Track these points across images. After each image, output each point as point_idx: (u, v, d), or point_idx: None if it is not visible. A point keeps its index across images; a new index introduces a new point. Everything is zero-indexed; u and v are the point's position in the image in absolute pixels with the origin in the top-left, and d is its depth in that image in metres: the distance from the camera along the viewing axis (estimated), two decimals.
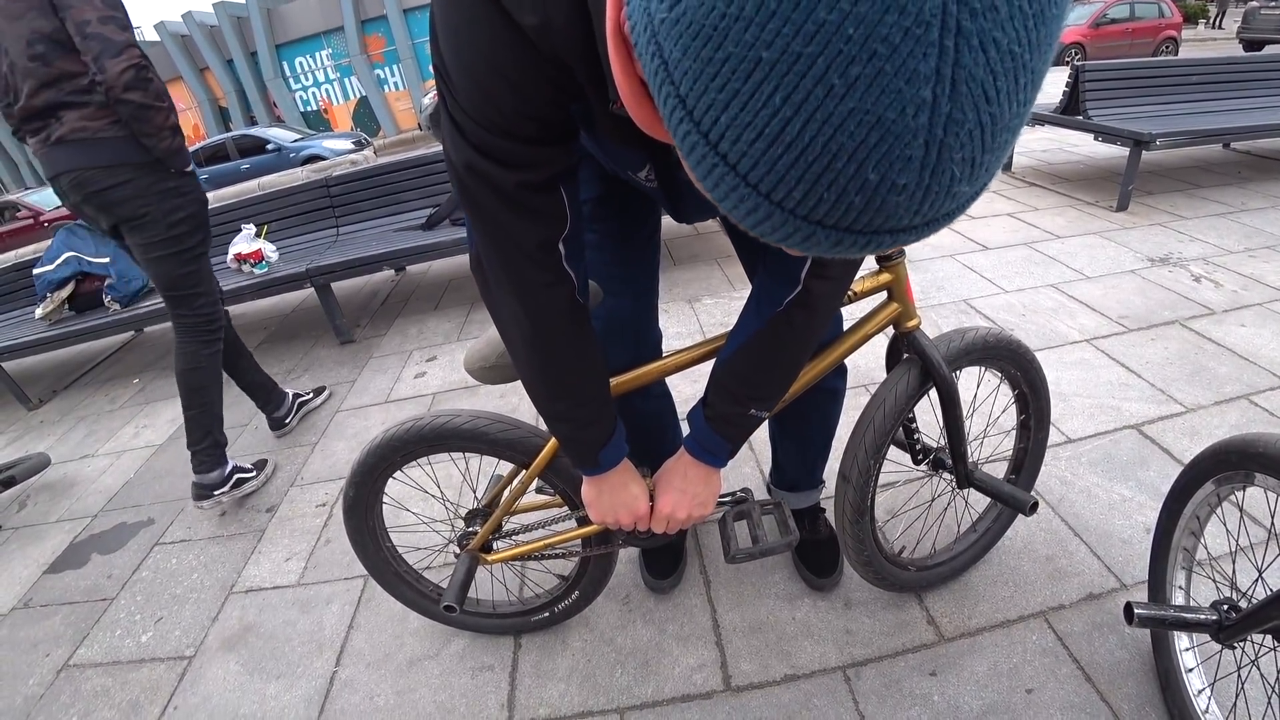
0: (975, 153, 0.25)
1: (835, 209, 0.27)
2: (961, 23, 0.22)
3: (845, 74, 0.23)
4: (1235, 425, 1.53)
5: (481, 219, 0.63)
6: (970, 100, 0.23)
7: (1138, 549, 1.25)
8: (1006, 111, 0.25)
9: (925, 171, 0.25)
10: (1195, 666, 1.01)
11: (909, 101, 0.23)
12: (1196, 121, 2.97)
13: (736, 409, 0.80)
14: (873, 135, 0.24)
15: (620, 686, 1.15)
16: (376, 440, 1.02)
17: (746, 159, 0.27)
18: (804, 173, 0.26)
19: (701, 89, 0.26)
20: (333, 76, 16.45)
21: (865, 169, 0.25)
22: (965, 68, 0.23)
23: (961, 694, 1.07)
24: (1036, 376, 1.14)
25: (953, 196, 0.27)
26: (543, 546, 1.08)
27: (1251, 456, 0.85)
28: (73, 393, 2.98)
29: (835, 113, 0.23)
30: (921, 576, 1.20)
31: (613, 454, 0.82)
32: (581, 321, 0.72)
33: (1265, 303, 2.03)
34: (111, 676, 1.34)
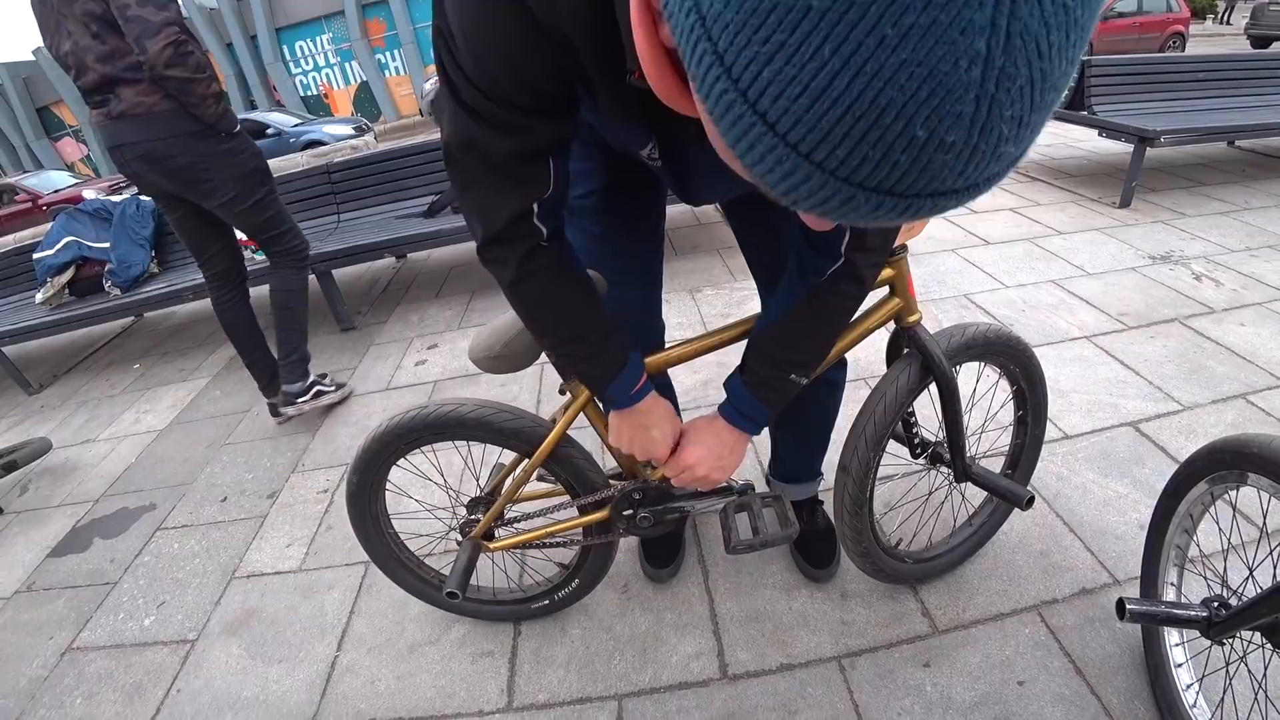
0: (1024, 111, 0.24)
1: (879, 169, 0.26)
2: None
3: (899, 23, 0.22)
4: (1232, 424, 1.54)
5: (466, 183, 0.65)
6: (1023, 54, 0.23)
7: (1131, 545, 1.27)
8: (1056, 68, 0.24)
9: (974, 129, 0.24)
10: (1184, 662, 1.02)
11: (963, 53, 0.22)
12: (1202, 119, 2.96)
13: (778, 374, 0.82)
14: (924, 89, 0.23)
15: (618, 674, 1.17)
16: (381, 428, 1.02)
17: (788, 116, 0.25)
18: (849, 129, 0.25)
19: (743, 43, 0.25)
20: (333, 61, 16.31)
21: (914, 125, 0.24)
22: (1020, 19, 0.22)
23: (954, 685, 1.09)
24: (1035, 373, 1.15)
25: (998, 158, 0.26)
26: (544, 535, 1.09)
27: (1245, 456, 0.86)
28: (73, 378, 2.98)
29: (886, 64, 0.22)
30: (918, 569, 1.22)
31: (621, 392, 0.83)
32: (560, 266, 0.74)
33: (1265, 302, 2.04)
34: (115, 659, 1.36)
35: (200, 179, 1.78)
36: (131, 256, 2.81)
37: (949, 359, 0.99)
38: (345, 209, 3.14)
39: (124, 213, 2.87)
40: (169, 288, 2.73)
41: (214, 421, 2.30)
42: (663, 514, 1.06)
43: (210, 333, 3.16)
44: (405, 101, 16.36)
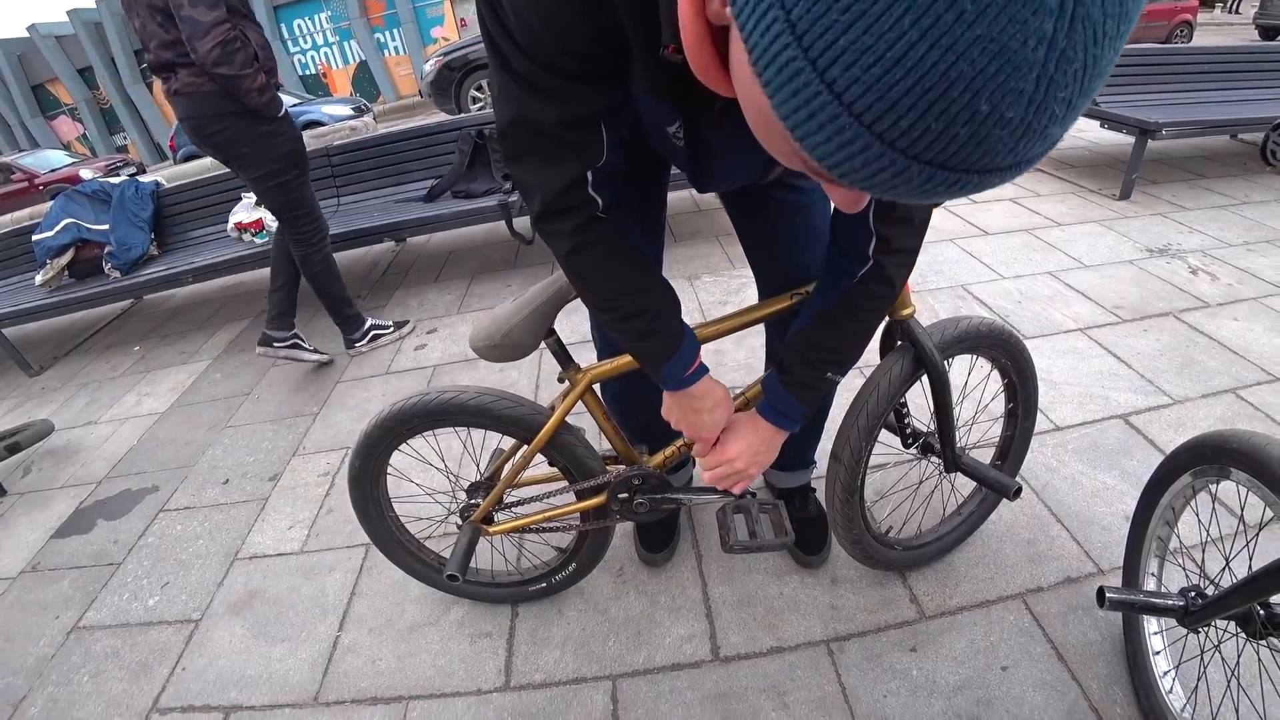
0: (1074, 94, 0.26)
1: (938, 141, 0.27)
2: None
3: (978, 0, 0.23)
4: (1221, 419, 1.56)
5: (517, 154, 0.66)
6: (1082, 39, 0.24)
7: (1116, 535, 1.29)
8: (1105, 55, 0.26)
9: (1032, 107, 0.26)
10: (1162, 650, 1.05)
11: (1032, 33, 0.24)
12: (1204, 111, 2.95)
13: (815, 373, 0.85)
14: (994, 64, 0.24)
15: (613, 655, 1.20)
16: (383, 414, 1.04)
17: (858, 85, 0.26)
18: (917, 100, 0.25)
19: (822, 10, 0.26)
20: (331, 40, 16.06)
21: (979, 99, 0.25)
22: (1084, 5, 0.24)
23: (939, 669, 1.12)
24: (1026, 366, 1.16)
25: (1045, 137, 0.28)
26: (543, 520, 1.12)
27: (1226, 452, 0.88)
28: (73, 359, 2.99)
29: (961, 39, 0.24)
30: (908, 556, 1.24)
31: (675, 375, 0.83)
32: (615, 240, 0.74)
33: (1260, 297, 2.05)
34: (120, 638, 1.39)
35: (237, 154, 1.99)
36: (131, 239, 2.81)
37: (941, 352, 1.01)
38: (345, 192, 3.13)
39: (123, 194, 2.87)
40: (169, 270, 2.73)
41: (215, 404, 2.32)
42: (660, 503, 1.08)
43: (210, 315, 3.17)
44: (405, 82, 16.15)
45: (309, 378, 2.37)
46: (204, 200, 3.08)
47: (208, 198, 3.07)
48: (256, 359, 2.60)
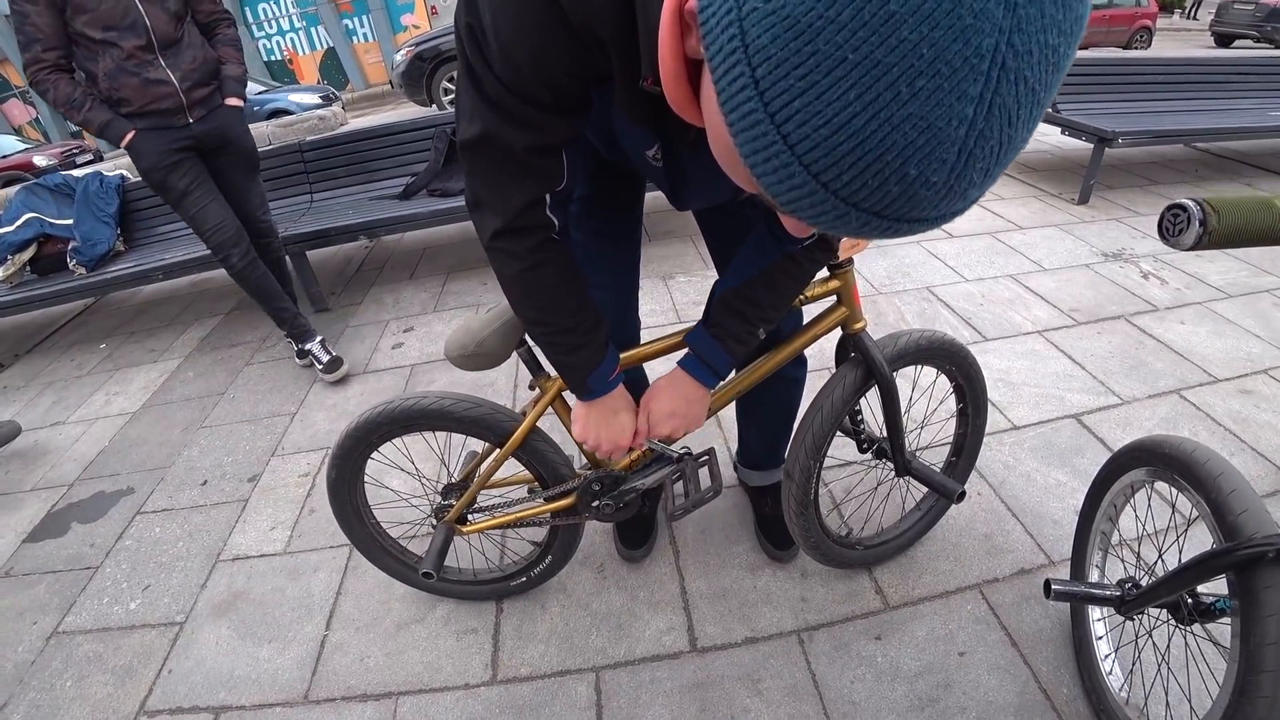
0: (991, 164, 0.31)
1: (873, 195, 0.31)
2: (1006, 60, 0.27)
3: (913, 84, 0.27)
4: (1164, 418, 1.67)
5: (481, 173, 0.68)
6: (998, 121, 0.29)
7: (1067, 529, 1.38)
8: (1019, 135, 0.31)
9: (953, 174, 0.30)
10: (1104, 635, 1.14)
11: (955, 115, 0.28)
12: (1160, 121, 3.09)
13: (745, 327, 0.89)
14: (922, 137, 0.29)
15: (595, 647, 1.25)
16: (352, 424, 1.07)
17: (807, 141, 0.30)
18: (856, 160, 0.30)
19: (781, 75, 0.29)
20: (298, 25, 15.57)
21: (909, 165, 0.30)
22: (1001, 95, 0.28)
23: (902, 656, 1.19)
24: (971, 369, 1.23)
25: (964, 198, 0.33)
26: (514, 520, 1.16)
27: (1159, 456, 0.97)
28: (36, 357, 2.91)
29: (897, 114, 0.28)
30: (869, 554, 1.32)
31: (600, 381, 0.89)
32: (562, 258, 0.79)
33: (1204, 301, 2.18)
34: (103, 643, 1.39)
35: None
36: (96, 234, 2.74)
37: (890, 364, 1.08)
38: (318, 189, 3.09)
39: (87, 189, 2.79)
40: (137, 266, 2.67)
41: (189, 404, 2.29)
42: (620, 498, 1.12)
43: (179, 312, 3.11)
44: (374, 70, 15.78)
45: (285, 377, 2.36)
46: None
47: None
48: (229, 357, 2.57)
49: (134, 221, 3.00)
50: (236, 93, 2.10)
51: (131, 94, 1.89)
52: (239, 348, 2.65)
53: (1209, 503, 0.88)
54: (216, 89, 2.07)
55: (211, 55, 2.04)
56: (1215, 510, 0.86)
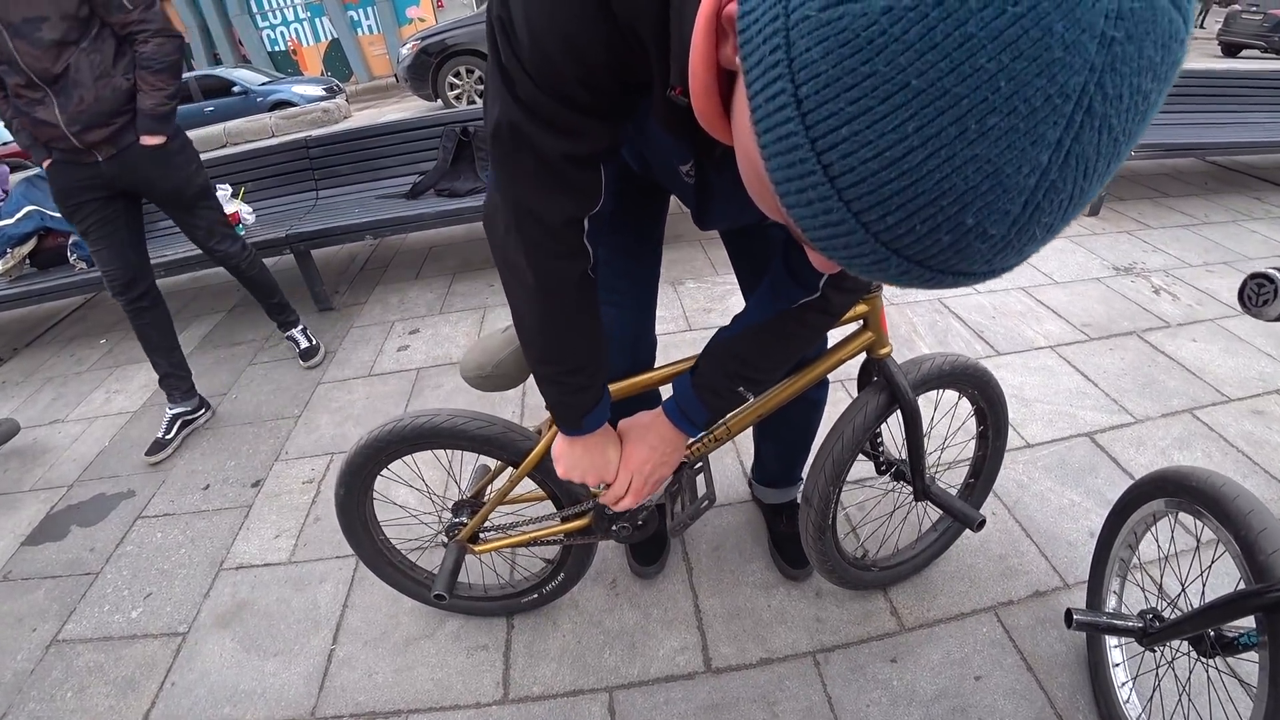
0: (1056, 219, 0.27)
1: (920, 242, 0.27)
2: (1093, 103, 0.23)
3: (983, 121, 0.24)
4: (1178, 438, 1.66)
5: (513, 185, 0.61)
6: (1073, 173, 0.25)
7: (1081, 551, 1.37)
8: (1091, 189, 0.27)
9: (1015, 228, 0.27)
10: (1121, 662, 1.13)
11: (1027, 161, 0.24)
12: (1173, 134, 3.07)
13: (727, 384, 0.84)
14: (986, 183, 0.25)
15: (609, 667, 1.23)
16: (362, 441, 1.04)
17: (852, 174, 0.26)
18: (907, 202, 0.26)
19: (830, 95, 0.26)
20: (303, 16, 15.46)
21: (966, 213, 0.26)
22: (1081, 143, 0.24)
23: (918, 679, 1.18)
24: (994, 393, 1.22)
25: (1021, 253, 0.28)
26: (529, 539, 1.14)
27: (1187, 489, 0.96)
28: (35, 351, 2.88)
29: (960, 154, 0.24)
30: (884, 575, 1.30)
31: (596, 420, 0.84)
32: (587, 294, 0.73)
33: (1216, 319, 2.17)
34: (104, 652, 1.37)
35: None
36: None
37: (914, 389, 1.06)
38: (323, 185, 3.06)
39: None
40: None
41: None
42: (634, 518, 1.10)
43: (179, 309, 3.07)
44: (378, 62, 15.68)
45: (289, 378, 2.33)
46: None
47: None
48: (231, 356, 2.54)
49: None
50: (149, 129, 1.78)
51: (29, 130, 1.72)
52: (241, 346, 2.62)
53: (1239, 540, 0.86)
54: (131, 123, 1.77)
55: (123, 85, 1.72)
56: (1245, 549, 0.85)
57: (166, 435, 2.01)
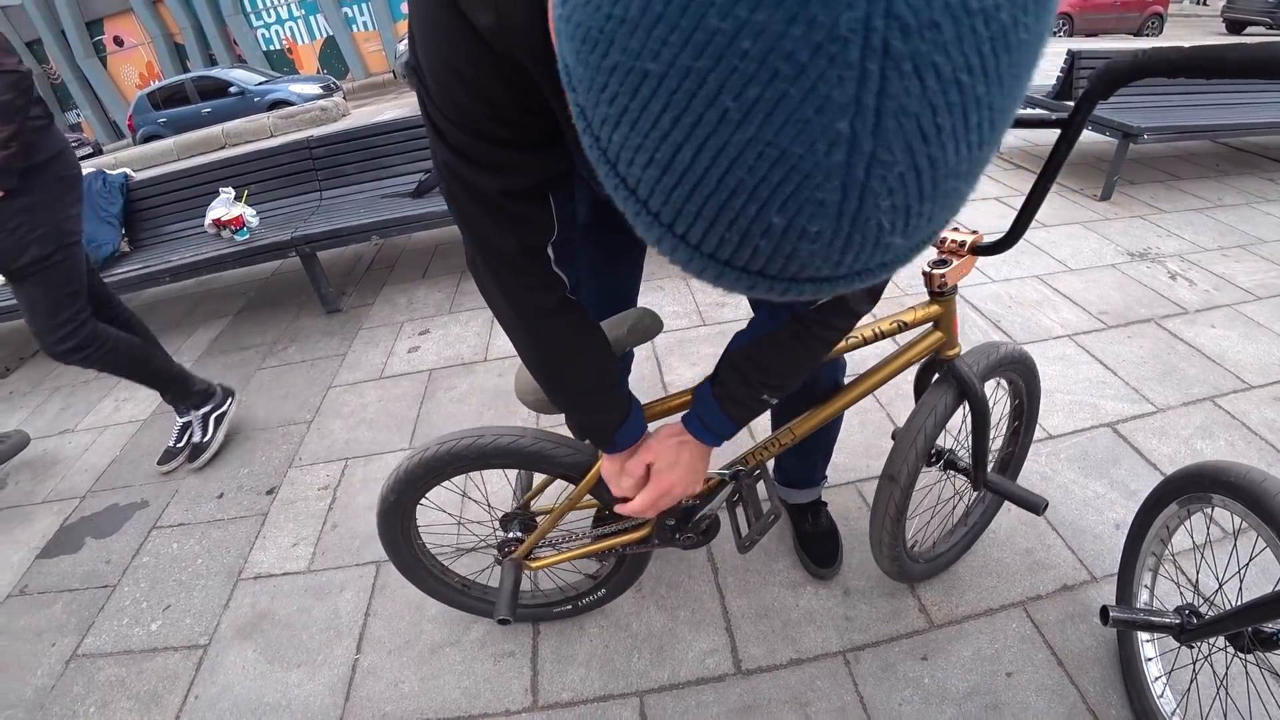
0: (910, 200, 0.21)
1: (741, 251, 0.23)
2: (890, 42, 0.18)
3: (741, 96, 0.19)
4: (1200, 427, 1.64)
5: (464, 221, 0.62)
6: (901, 138, 0.19)
7: (1108, 544, 1.36)
8: (952, 155, 0.21)
9: (844, 220, 0.21)
10: (1154, 657, 1.12)
11: (820, 135, 0.19)
12: (1185, 116, 3.04)
13: (749, 392, 0.80)
14: (775, 172, 0.20)
15: (638, 671, 1.22)
16: (430, 451, 1.00)
17: (643, 185, 0.23)
18: (700, 208, 0.22)
19: (594, 100, 0.23)
20: (297, 14, 15.36)
21: (769, 211, 0.21)
22: (894, 98, 0.19)
23: (949, 676, 1.17)
24: (1036, 386, 1.21)
25: (885, 248, 0.23)
26: (586, 553, 1.11)
27: (1222, 484, 0.94)
28: (41, 361, 2.85)
29: (731, 142, 0.20)
30: (927, 568, 1.29)
31: (629, 435, 0.82)
32: (572, 317, 0.71)
33: (1234, 304, 2.14)
34: (124, 666, 1.36)
35: None
36: (100, 235, 2.68)
37: (980, 381, 1.05)
38: (327, 186, 3.03)
39: (90, 188, 2.72)
40: (143, 269, 2.62)
41: None
42: (697, 525, 1.08)
43: (186, 313, 3.06)
44: (374, 59, 15.58)
45: (299, 382, 2.32)
46: (177, 194, 2.95)
47: (181, 191, 2.94)
48: (240, 361, 2.53)
49: (138, 221, 2.95)
50: None
51: None
52: (249, 351, 2.61)
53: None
54: None
55: None
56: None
57: (206, 438, 1.94)
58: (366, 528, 1.61)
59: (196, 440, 1.95)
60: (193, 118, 9.10)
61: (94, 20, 15.89)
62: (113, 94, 16.43)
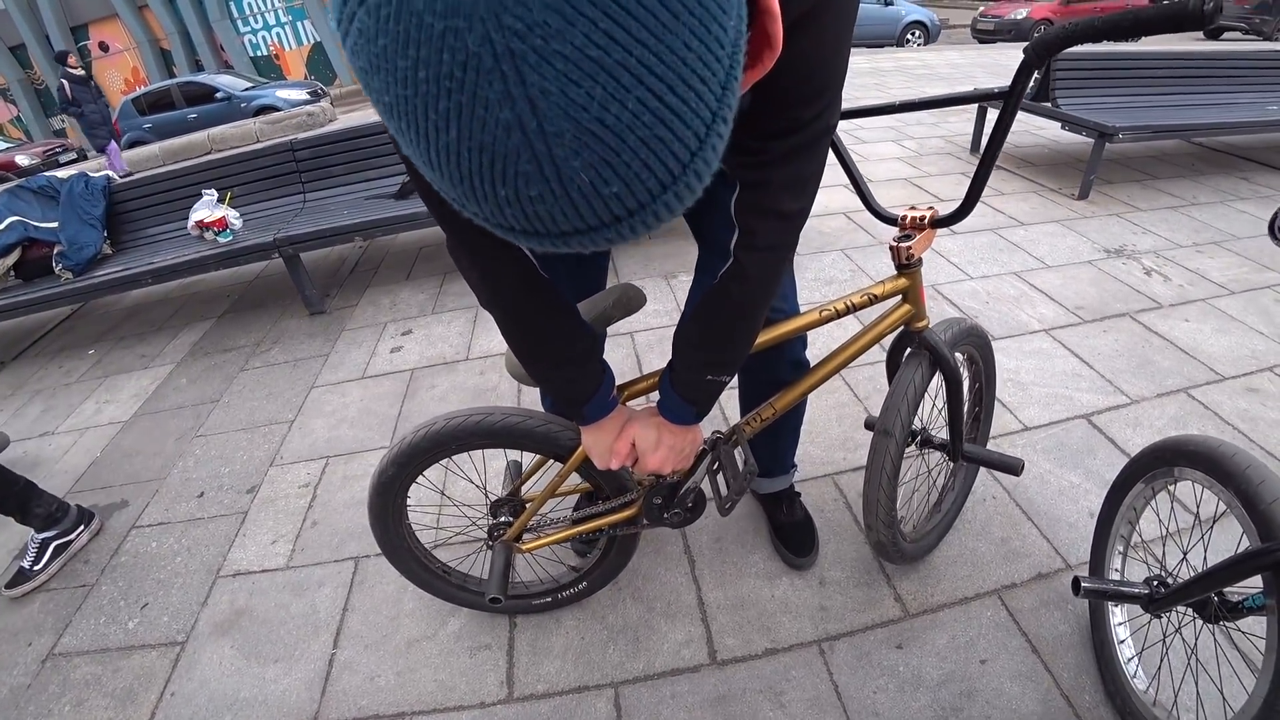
0: (604, 154, 0.25)
1: (506, 218, 0.29)
2: (510, 45, 0.23)
3: (437, 109, 0.25)
4: (1174, 418, 1.67)
5: (435, 209, 0.64)
6: (559, 110, 0.24)
7: (1083, 532, 1.38)
8: (618, 113, 0.25)
9: (552, 182, 0.26)
10: (1126, 638, 1.13)
11: (495, 124, 0.24)
12: (1160, 116, 3.09)
13: (694, 375, 0.83)
14: (483, 158, 0.25)
15: (613, 662, 1.23)
16: (437, 426, 1.00)
17: (435, 179, 0.29)
18: (462, 192, 0.28)
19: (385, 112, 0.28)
20: (284, 19, 15.34)
21: (497, 187, 0.26)
22: (534, 84, 0.23)
23: (924, 664, 1.18)
24: (988, 348, 1.27)
25: (614, 198, 0.27)
26: (575, 534, 1.12)
27: (1184, 454, 0.97)
28: (22, 364, 2.84)
29: (448, 142, 0.26)
30: (915, 549, 1.30)
31: (597, 409, 0.85)
32: (541, 290, 0.75)
33: (1208, 298, 2.18)
34: (101, 664, 1.35)
35: None
36: (82, 237, 2.67)
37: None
38: (311, 188, 3.03)
39: (71, 190, 2.71)
40: (125, 271, 2.61)
41: (182, 412, 2.24)
42: (684, 501, 1.09)
43: (169, 316, 3.05)
44: None
45: (281, 383, 2.31)
46: (160, 196, 2.94)
47: (164, 194, 2.93)
48: (223, 363, 2.52)
49: (121, 224, 2.93)
50: None
51: None
52: (233, 352, 2.59)
53: (1240, 495, 0.87)
54: None
55: None
56: (1246, 502, 0.86)
57: (34, 566, 1.58)
58: (346, 524, 1.61)
59: (23, 564, 1.59)
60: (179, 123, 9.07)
61: (79, 25, 15.80)
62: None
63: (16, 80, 16.47)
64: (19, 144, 11.09)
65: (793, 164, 0.65)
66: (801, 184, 0.68)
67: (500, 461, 1.39)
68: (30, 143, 11.72)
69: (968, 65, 7.39)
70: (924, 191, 3.34)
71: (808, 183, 0.68)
